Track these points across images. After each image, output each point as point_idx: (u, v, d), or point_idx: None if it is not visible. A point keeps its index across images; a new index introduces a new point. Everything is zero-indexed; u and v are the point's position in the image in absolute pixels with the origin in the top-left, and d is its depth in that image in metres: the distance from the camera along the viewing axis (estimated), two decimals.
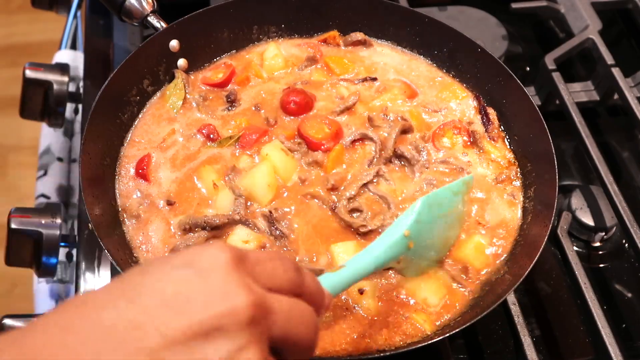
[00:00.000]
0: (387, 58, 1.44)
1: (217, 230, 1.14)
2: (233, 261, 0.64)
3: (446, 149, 1.29)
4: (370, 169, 1.24)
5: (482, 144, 1.29)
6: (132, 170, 1.23)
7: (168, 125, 1.30)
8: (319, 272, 1.02)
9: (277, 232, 1.15)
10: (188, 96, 1.33)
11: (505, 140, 1.31)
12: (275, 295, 0.67)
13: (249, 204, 1.18)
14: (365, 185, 1.22)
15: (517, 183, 1.26)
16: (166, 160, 1.25)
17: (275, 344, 0.66)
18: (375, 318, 1.08)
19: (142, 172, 1.22)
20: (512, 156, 1.29)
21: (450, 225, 1.12)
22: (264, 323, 0.64)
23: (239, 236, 1.14)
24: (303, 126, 1.29)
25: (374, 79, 1.39)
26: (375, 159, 1.26)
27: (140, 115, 1.31)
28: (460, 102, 1.36)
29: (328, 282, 0.85)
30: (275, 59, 1.40)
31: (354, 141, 1.28)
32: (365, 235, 1.17)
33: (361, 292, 1.08)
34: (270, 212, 1.16)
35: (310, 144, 1.27)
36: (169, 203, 1.19)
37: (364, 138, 1.28)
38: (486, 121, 1.31)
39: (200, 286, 0.62)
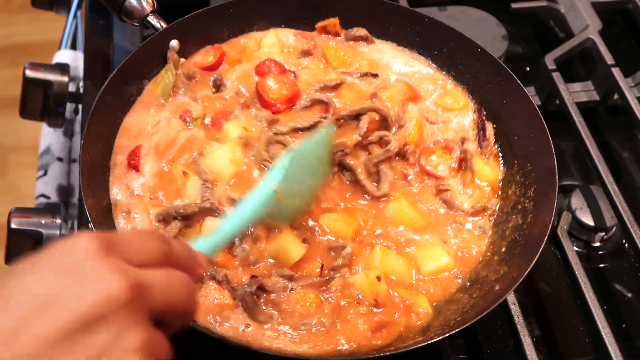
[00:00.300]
0: (390, 57, 1.43)
1: (188, 219, 1.14)
2: (101, 248, 0.65)
3: (431, 167, 1.27)
4: (311, 118, 1.24)
5: (471, 163, 1.25)
6: (124, 162, 1.22)
7: (157, 114, 1.29)
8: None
9: None
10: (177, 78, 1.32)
11: (499, 158, 1.30)
12: (149, 270, 0.68)
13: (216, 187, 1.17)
14: (300, 130, 1.22)
15: (491, 220, 1.23)
16: (151, 150, 1.24)
17: (156, 316, 0.68)
18: (386, 306, 1.10)
19: (134, 163, 1.21)
20: (501, 177, 1.27)
21: (316, 174, 1.17)
22: (142, 301, 0.65)
23: (211, 225, 1.12)
24: (262, 83, 1.30)
25: (375, 76, 1.37)
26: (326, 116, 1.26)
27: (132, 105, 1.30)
28: (460, 113, 1.34)
29: (203, 245, 0.90)
30: (272, 47, 1.40)
31: (305, 107, 1.29)
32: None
33: (379, 278, 1.09)
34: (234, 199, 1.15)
35: (263, 102, 1.28)
36: (153, 195, 1.18)
37: (316, 103, 1.29)
38: (482, 136, 1.30)
39: (71, 281, 0.62)
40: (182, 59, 1.36)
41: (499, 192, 1.26)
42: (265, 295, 1.07)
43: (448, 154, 1.28)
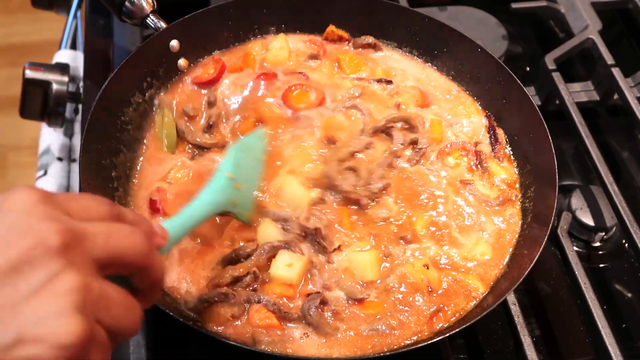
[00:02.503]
0: (403, 64, 1.44)
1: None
2: (39, 199, 0.65)
3: (449, 168, 1.28)
4: (363, 139, 1.26)
5: (487, 164, 1.28)
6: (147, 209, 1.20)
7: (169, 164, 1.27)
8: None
9: (318, 247, 1.15)
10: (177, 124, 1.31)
11: (513, 161, 1.30)
12: (89, 221, 0.68)
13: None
14: (357, 152, 1.25)
15: (516, 207, 1.25)
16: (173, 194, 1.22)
17: (106, 267, 0.67)
18: (440, 291, 1.12)
19: (158, 207, 1.19)
20: (517, 177, 1.28)
21: (259, 165, 1.21)
22: (79, 247, 0.65)
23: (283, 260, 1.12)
24: (287, 96, 1.32)
25: (389, 82, 1.39)
26: (364, 129, 1.29)
27: (139, 164, 1.28)
28: (472, 120, 1.36)
29: (166, 225, 0.87)
30: (280, 51, 1.41)
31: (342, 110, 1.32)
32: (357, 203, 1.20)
33: (427, 267, 1.12)
34: (316, 229, 1.15)
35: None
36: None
37: (353, 107, 1.32)
38: (494, 141, 1.31)
39: (2, 227, 0.63)
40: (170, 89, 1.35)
41: (519, 190, 1.27)
42: (326, 307, 1.08)
43: (465, 156, 1.29)
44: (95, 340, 0.64)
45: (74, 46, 1.82)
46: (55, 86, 1.52)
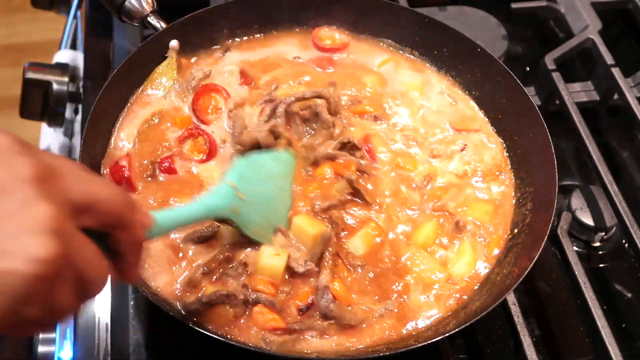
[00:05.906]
0: None
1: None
2: (15, 140, 0.65)
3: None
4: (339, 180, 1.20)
5: None
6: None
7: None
8: None
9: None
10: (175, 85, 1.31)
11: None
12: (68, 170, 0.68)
13: None
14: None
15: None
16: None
17: (82, 213, 0.67)
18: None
19: (124, 174, 1.17)
20: None
21: (278, 189, 1.17)
22: (54, 183, 0.65)
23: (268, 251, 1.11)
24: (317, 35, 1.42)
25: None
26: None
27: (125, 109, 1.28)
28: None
29: (157, 214, 0.87)
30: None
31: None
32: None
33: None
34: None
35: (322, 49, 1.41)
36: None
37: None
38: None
39: None
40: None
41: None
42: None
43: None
44: (67, 273, 0.64)
45: (74, 46, 1.82)
46: (55, 86, 1.52)
